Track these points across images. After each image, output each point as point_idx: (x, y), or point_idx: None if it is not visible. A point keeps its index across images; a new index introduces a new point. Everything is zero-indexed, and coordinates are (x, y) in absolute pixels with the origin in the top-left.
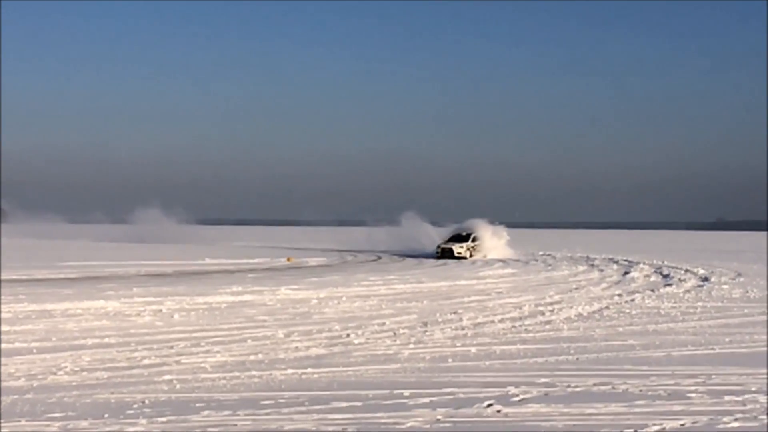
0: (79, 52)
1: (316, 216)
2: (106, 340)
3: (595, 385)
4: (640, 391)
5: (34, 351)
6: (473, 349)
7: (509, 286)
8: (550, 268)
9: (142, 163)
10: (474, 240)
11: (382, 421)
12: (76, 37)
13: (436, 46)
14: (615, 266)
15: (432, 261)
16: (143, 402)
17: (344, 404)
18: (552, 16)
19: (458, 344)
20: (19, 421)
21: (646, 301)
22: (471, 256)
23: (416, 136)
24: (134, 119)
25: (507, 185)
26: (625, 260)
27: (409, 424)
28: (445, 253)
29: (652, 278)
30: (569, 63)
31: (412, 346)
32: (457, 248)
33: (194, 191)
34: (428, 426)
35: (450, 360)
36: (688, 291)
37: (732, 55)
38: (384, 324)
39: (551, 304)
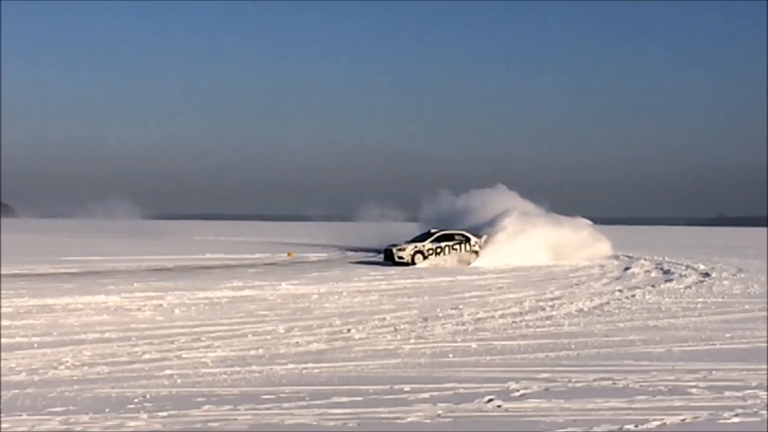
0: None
1: (299, 211)
2: (107, 334)
3: (595, 380)
4: (641, 386)
5: (35, 346)
6: (474, 345)
7: (510, 281)
8: (550, 263)
9: (103, 157)
10: (447, 240)
11: (383, 416)
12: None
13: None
14: (615, 262)
15: None
16: (144, 396)
17: (345, 399)
18: (550, 15)
19: (459, 339)
20: (20, 415)
21: (647, 297)
22: (424, 259)
23: (410, 131)
24: (99, 113)
25: (505, 181)
26: (626, 256)
27: (409, 419)
28: (387, 257)
29: (653, 274)
30: (568, 59)
31: (412, 341)
32: (398, 251)
33: (147, 187)
34: (429, 421)
35: (450, 355)
36: (688, 287)
37: (732, 51)
38: (384, 319)
39: (552, 299)
